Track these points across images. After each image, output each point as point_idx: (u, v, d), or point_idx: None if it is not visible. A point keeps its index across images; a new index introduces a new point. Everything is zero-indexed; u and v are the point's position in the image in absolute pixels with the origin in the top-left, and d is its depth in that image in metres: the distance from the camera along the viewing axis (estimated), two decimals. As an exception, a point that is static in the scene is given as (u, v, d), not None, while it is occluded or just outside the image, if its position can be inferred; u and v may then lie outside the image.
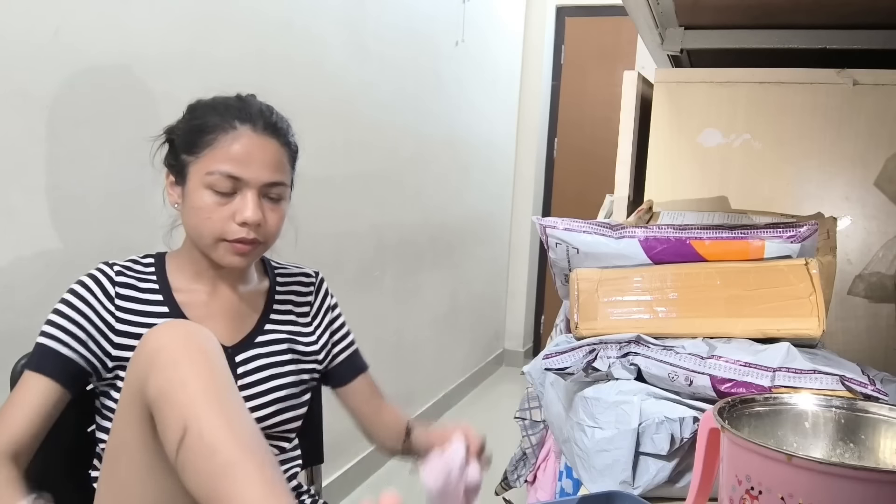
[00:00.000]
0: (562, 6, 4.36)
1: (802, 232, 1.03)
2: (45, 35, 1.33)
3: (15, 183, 1.30)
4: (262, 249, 1.07)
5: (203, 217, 1.01)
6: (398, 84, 2.76)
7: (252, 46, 1.90)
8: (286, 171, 1.07)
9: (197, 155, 1.02)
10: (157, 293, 1.06)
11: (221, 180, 1.00)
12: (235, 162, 1.00)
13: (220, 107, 1.04)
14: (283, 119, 1.08)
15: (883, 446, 0.74)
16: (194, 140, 1.03)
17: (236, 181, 1.00)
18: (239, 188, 1.01)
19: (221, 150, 1.01)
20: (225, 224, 1.01)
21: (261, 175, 1.02)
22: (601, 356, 0.96)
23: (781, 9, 1.38)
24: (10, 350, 1.09)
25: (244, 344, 1.09)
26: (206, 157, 1.01)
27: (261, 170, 1.02)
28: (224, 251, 1.03)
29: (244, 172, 1.00)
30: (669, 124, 1.59)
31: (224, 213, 1.01)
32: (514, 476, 1.66)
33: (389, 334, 2.88)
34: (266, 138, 1.03)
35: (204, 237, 1.02)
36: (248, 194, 1.01)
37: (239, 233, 1.01)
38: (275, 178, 1.03)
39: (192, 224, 1.03)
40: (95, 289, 1.02)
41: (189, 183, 1.03)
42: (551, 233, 1.10)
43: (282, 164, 1.05)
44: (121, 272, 1.05)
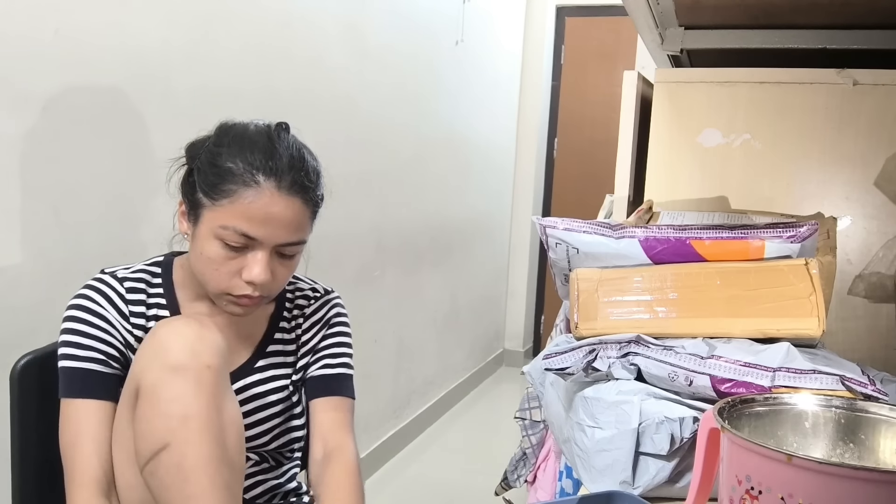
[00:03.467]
0: (562, 6, 4.36)
1: (802, 232, 1.03)
2: (45, 35, 1.33)
3: (15, 183, 1.30)
4: (264, 302, 1.02)
5: (210, 268, 0.96)
6: (398, 84, 2.76)
7: (252, 46, 1.90)
8: (306, 229, 1.00)
9: (214, 201, 0.95)
10: (165, 308, 1.04)
11: (234, 236, 0.94)
12: (252, 222, 0.93)
13: (248, 150, 0.95)
14: (312, 170, 1.00)
15: (883, 446, 0.74)
16: (214, 183, 0.95)
17: (250, 240, 0.95)
18: (252, 246, 0.96)
19: (240, 205, 0.93)
20: (231, 279, 0.96)
21: (277, 236, 0.96)
22: (601, 356, 0.96)
23: (781, 9, 1.38)
24: (10, 350, 1.09)
25: (243, 370, 1.06)
26: (224, 208, 0.94)
27: (278, 230, 0.95)
28: (227, 303, 0.99)
29: (259, 233, 0.94)
30: (669, 124, 1.59)
31: (232, 267, 0.96)
32: (514, 476, 1.66)
33: (389, 334, 2.88)
34: (290, 198, 0.95)
35: (209, 286, 0.98)
36: (260, 254, 0.95)
37: (244, 289, 0.96)
38: (291, 239, 0.97)
39: (199, 269, 0.99)
40: (109, 307, 0.99)
41: (201, 227, 0.96)
42: (551, 233, 1.10)
43: (302, 224, 0.98)
44: (132, 289, 1.02)
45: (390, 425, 2.90)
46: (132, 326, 1.00)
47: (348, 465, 1.03)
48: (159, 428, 0.84)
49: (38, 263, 1.35)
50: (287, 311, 1.12)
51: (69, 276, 1.07)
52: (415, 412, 3.14)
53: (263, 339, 1.09)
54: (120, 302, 1.00)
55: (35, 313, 1.32)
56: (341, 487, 1.00)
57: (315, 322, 1.13)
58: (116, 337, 0.98)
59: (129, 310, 1.00)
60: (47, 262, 1.36)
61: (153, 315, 1.03)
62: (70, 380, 0.95)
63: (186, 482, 0.82)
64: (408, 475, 2.77)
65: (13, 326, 1.30)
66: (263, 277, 0.95)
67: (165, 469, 0.83)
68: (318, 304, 1.14)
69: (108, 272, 1.02)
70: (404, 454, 2.96)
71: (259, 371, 1.07)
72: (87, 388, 0.94)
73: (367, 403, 2.69)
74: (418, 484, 2.70)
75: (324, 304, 1.14)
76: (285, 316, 1.12)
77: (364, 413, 2.66)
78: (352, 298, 2.52)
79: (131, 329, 1.00)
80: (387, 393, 2.88)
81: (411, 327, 3.08)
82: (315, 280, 1.18)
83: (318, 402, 1.09)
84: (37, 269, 1.35)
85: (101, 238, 1.47)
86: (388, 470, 2.78)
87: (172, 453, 0.82)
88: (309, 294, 1.14)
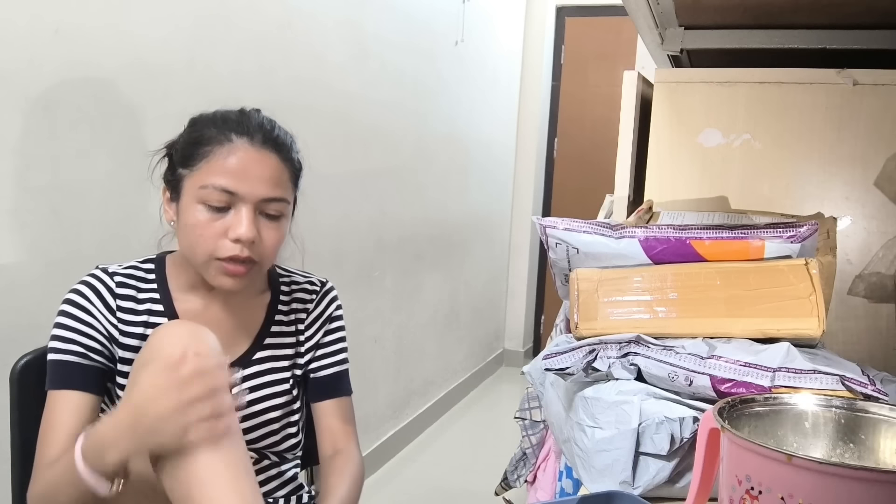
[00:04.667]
0: (562, 6, 4.36)
1: (802, 232, 1.03)
2: (45, 35, 1.33)
3: (15, 183, 1.30)
4: (256, 271, 1.01)
5: (196, 234, 0.96)
6: (398, 83, 2.76)
7: (252, 45, 1.90)
8: (286, 188, 1.01)
9: (192, 168, 0.97)
10: (158, 303, 1.04)
11: (215, 194, 0.95)
12: (230, 175, 0.95)
13: (219, 120, 1.00)
14: (286, 134, 1.03)
15: (883, 446, 0.74)
16: (190, 153, 0.98)
17: (231, 196, 0.95)
18: (234, 203, 0.96)
19: (216, 162, 0.96)
20: (217, 241, 0.96)
21: (257, 190, 0.96)
22: (601, 356, 0.96)
23: (781, 9, 1.38)
24: (10, 350, 1.09)
25: (241, 362, 1.06)
26: (201, 170, 0.96)
27: (257, 184, 0.96)
28: (216, 271, 0.98)
29: (239, 186, 0.95)
30: (669, 124, 1.59)
31: (217, 229, 0.96)
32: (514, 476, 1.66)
33: (389, 334, 2.88)
34: (265, 152, 0.98)
35: (197, 255, 0.98)
36: (243, 210, 0.96)
37: (231, 250, 0.96)
38: (273, 194, 0.98)
39: (186, 243, 0.99)
40: (96, 301, 1.00)
41: (183, 198, 0.98)
42: (551, 233, 1.10)
43: (281, 181, 1.00)
44: (122, 283, 1.02)
45: (390, 425, 2.90)
46: (118, 321, 1.01)
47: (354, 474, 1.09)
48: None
49: (37, 263, 1.35)
50: (284, 304, 1.12)
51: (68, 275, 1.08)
52: (415, 412, 3.14)
53: (261, 332, 1.09)
54: (108, 295, 1.01)
55: (34, 313, 1.32)
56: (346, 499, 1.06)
57: (317, 317, 1.14)
58: (99, 330, 0.99)
59: (118, 304, 1.01)
60: (46, 262, 1.36)
61: (146, 310, 1.03)
62: (52, 372, 0.97)
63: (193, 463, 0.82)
64: (408, 475, 2.77)
65: (13, 326, 1.30)
66: (249, 233, 0.95)
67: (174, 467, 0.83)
68: (318, 298, 1.15)
69: (100, 268, 1.04)
70: (404, 454, 2.96)
71: (258, 363, 1.08)
72: (65, 379, 0.96)
73: (367, 403, 2.69)
74: (418, 484, 2.70)
75: (323, 298, 1.16)
76: (282, 309, 1.12)
77: (364, 413, 2.66)
78: (352, 298, 2.52)
79: (116, 323, 1.01)
80: (387, 393, 2.88)
81: (411, 327, 3.08)
82: (308, 272, 1.18)
83: (325, 405, 1.14)
84: (36, 268, 1.35)
85: (101, 238, 1.47)
86: (387, 470, 2.78)
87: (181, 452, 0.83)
88: (308, 287, 1.15)
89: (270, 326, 1.10)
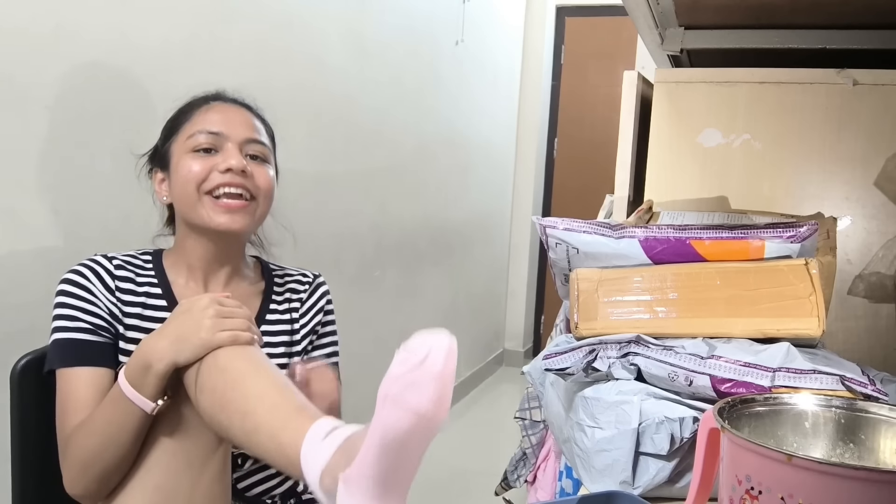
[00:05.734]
0: (562, 6, 4.36)
1: (802, 232, 1.03)
2: (45, 34, 1.33)
3: (15, 183, 1.30)
4: (252, 211, 1.05)
5: (188, 177, 1.02)
6: (398, 83, 2.76)
7: (252, 46, 1.90)
8: (265, 137, 1.10)
9: (177, 133, 1.06)
10: (156, 287, 1.06)
11: (202, 136, 1.03)
12: (213, 121, 1.04)
13: (196, 97, 1.11)
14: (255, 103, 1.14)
15: (883, 446, 0.74)
16: (172, 125, 1.08)
17: (217, 137, 1.04)
18: (221, 144, 1.04)
19: (199, 117, 1.06)
20: (207, 175, 1.02)
21: (239, 130, 1.05)
22: (601, 356, 0.96)
23: (781, 9, 1.38)
24: (10, 350, 1.09)
25: None
26: (185, 128, 1.05)
27: (239, 126, 1.05)
28: (211, 206, 1.02)
29: (223, 127, 1.04)
30: (669, 124, 1.59)
31: (208, 164, 1.02)
32: (514, 476, 1.66)
33: (389, 334, 2.88)
34: (241, 108, 1.09)
35: (189, 195, 1.02)
36: (229, 145, 1.04)
37: (223, 178, 1.01)
38: (254, 136, 1.07)
39: (179, 192, 1.04)
40: (95, 280, 1.01)
41: (173, 160, 1.05)
42: (551, 233, 1.10)
43: (259, 130, 1.09)
44: (120, 266, 1.05)
45: (390, 425, 2.90)
46: (117, 300, 1.02)
47: None
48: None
49: (37, 263, 1.35)
50: (277, 294, 1.15)
51: (69, 276, 1.10)
52: (415, 412, 3.14)
53: (257, 317, 1.11)
54: (106, 276, 1.02)
55: (34, 313, 1.32)
56: None
57: (311, 307, 1.18)
58: (101, 307, 1.00)
59: (116, 285, 1.03)
60: (46, 262, 1.36)
61: (144, 292, 1.05)
62: (60, 350, 0.97)
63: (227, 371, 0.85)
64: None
65: (13, 326, 1.30)
66: (238, 163, 1.02)
67: (209, 371, 0.85)
68: (311, 288, 1.19)
69: (99, 254, 1.06)
70: (404, 454, 2.95)
71: None
72: (77, 356, 0.96)
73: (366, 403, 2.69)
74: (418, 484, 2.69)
75: (316, 289, 1.20)
76: (276, 299, 1.15)
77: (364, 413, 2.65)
78: (352, 298, 2.52)
79: (116, 301, 1.02)
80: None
81: (411, 327, 3.06)
82: (300, 267, 1.22)
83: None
84: (36, 268, 1.35)
85: (101, 238, 1.47)
86: (388, 470, 2.78)
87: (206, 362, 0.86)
88: (300, 279, 1.19)
89: (265, 314, 1.13)
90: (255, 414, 0.80)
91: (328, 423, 0.77)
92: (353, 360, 1.19)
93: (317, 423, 0.77)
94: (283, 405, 0.80)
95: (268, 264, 1.19)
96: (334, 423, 0.78)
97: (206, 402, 0.85)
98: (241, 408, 0.81)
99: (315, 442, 0.75)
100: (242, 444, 0.82)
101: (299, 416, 0.79)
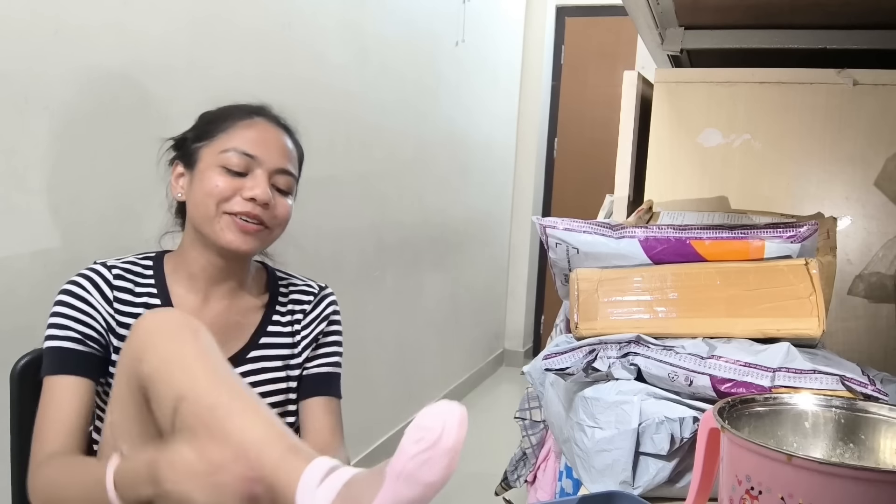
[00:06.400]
0: (562, 6, 4.36)
1: (802, 232, 1.03)
2: (45, 34, 1.33)
3: (15, 183, 1.30)
4: (265, 238, 1.05)
5: (212, 193, 1.01)
6: (398, 84, 2.76)
7: (252, 46, 1.90)
8: (295, 167, 1.09)
9: (211, 139, 1.04)
10: (155, 297, 1.05)
11: (236, 157, 1.01)
12: (251, 142, 1.02)
13: (238, 105, 1.09)
14: (293, 127, 1.13)
15: (883, 446, 0.74)
16: (208, 129, 1.05)
17: (250, 160, 1.02)
18: (251, 168, 1.02)
19: (237, 132, 1.03)
20: (231, 196, 1.01)
21: (274, 158, 1.03)
22: (601, 356, 0.96)
23: (781, 9, 1.38)
24: (10, 350, 1.09)
25: (234, 360, 1.06)
26: (221, 139, 1.03)
27: (274, 153, 1.04)
28: (226, 226, 1.01)
29: (259, 152, 1.02)
30: (669, 124, 1.59)
31: (233, 186, 1.01)
32: (514, 476, 1.66)
33: (389, 334, 2.88)
34: (280, 131, 1.07)
35: (208, 209, 1.01)
36: (259, 173, 1.02)
37: (243, 206, 1.01)
38: (286, 166, 1.05)
39: (197, 202, 1.02)
40: (93, 290, 1.01)
41: (199, 165, 1.03)
42: (551, 233, 1.10)
43: (292, 158, 1.08)
44: (119, 276, 1.03)
45: (390, 425, 2.90)
46: (115, 311, 1.02)
47: None
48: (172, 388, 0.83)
49: (37, 263, 1.35)
50: (281, 305, 1.14)
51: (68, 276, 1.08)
52: (415, 412, 3.13)
53: (257, 331, 1.10)
54: (105, 286, 1.02)
55: (34, 313, 1.32)
56: None
57: (315, 318, 1.15)
58: (96, 318, 1.00)
59: (115, 295, 1.02)
60: (46, 262, 1.36)
61: (143, 303, 1.04)
62: (48, 358, 0.98)
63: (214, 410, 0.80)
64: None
65: (13, 326, 1.30)
66: (264, 195, 1.01)
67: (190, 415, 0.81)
68: (316, 300, 1.16)
69: (99, 262, 1.05)
70: (404, 454, 2.95)
71: (251, 362, 1.08)
72: (63, 364, 0.96)
73: (366, 403, 2.69)
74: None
75: (322, 300, 1.17)
76: (279, 310, 1.13)
77: (364, 413, 2.65)
78: (352, 298, 2.52)
79: (113, 314, 1.01)
80: (387, 393, 2.88)
81: (411, 327, 3.08)
82: (307, 277, 1.20)
83: (313, 402, 1.12)
84: (36, 269, 1.35)
85: (101, 238, 1.47)
86: (388, 470, 2.78)
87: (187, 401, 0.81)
88: (305, 290, 1.17)
89: (267, 326, 1.11)
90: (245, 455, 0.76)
91: (324, 465, 0.75)
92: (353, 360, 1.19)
93: (312, 465, 0.75)
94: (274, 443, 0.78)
95: (274, 272, 1.17)
96: (330, 464, 0.76)
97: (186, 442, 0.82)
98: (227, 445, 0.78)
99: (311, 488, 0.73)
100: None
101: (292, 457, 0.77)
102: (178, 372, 0.83)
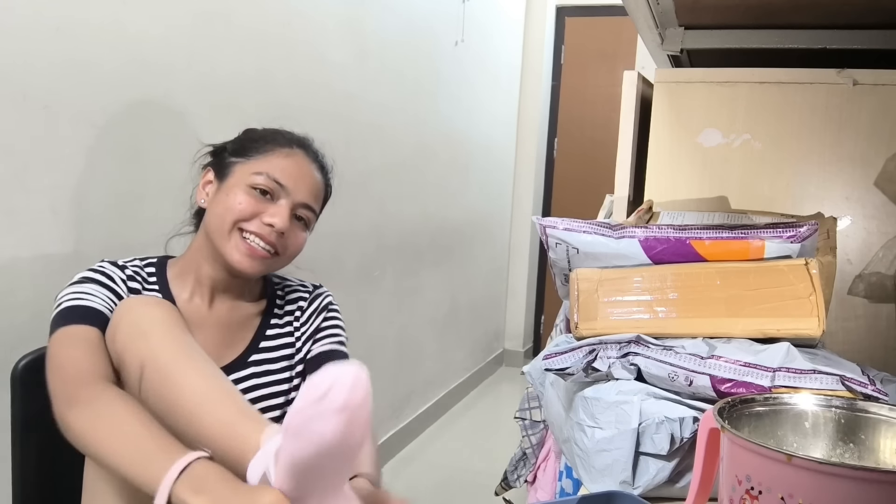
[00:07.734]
0: (562, 6, 4.36)
1: (802, 232, 1.03)
2: (45, 33, 1.33)
3: (15, 183, 1.30)
4: (272, 264, 1.07)
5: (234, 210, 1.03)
6: (398, 84, 2.76)
7: (252, 45, 1.90)
8: (318, 205, 1.12)
9: (248, 157, 1.06)
10: None
11: (267, 182, 1.04)
12: (285, 172, 1.05)
13: (284, 132, 1.12)
14: (329, 165, 1.16)
15: (883, 446, 0.74)
16: (249, 147, 1.08)
17: (279, 188, 1.04)
18: (278, 197, 1.05)
19: (275, 159, 1.06)
20: (252, 217, 1.03)
21: (302, 192, 1.06)
22: (601, 356, 0.96)
23: (781, 9, 1.38)
24: (10, 350, 1.09)
25: (237, 364, 1.07)
26: (258, 160, 1.06)
27: (304, 188, 1.07)
28: (237, 243, 1.03)
29: (289, 182, 1.05)
30: (669, 124, 1.59)
31: (257, 207, 1.03)
32: (514, 476, 1.66)
33: (389, 334, 2.88)
34: (315, 169, 1.10)
35: (225, 222, 1.03)
36: (284, 203, 1.05)
37: (259, 228, 1.03)
38: (311, 202, 1.08)
39: (218, 213, 1.04)
40: (108, 282, 1.01)
41: (230, 179, 1.05)
42: (551, 233, 1.10)
43: (318, 197, 1.11)
44: (131, 277, 1.05)
45: (390, 425, 2.90)
46: None
47: None
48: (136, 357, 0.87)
49: (37, 264, 1.35)
50: (279, 308, 1.16)
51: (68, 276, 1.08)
52: (415, 412, 3.14)
53: (257, 334, 1.12)
54: (119, 282, 1.02)
55: (35, 313, 1.32)
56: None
57: (312, 312, 1.17)
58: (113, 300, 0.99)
59: (129, 285, 1.04)
60: (46, 263, 1.36)
61: None
62: (67, 312, 0.95)
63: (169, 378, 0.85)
64: (407, 475, 2.77)
65: (13, 326, 1.30)
66: (283, 224, 1.03)
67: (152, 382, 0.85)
68: (311, 297, 1.19)
69: (108, 260, 1.06)
70: (404, 454, 2.96)
71: (253, 365, 1.09)
72: (85, 317, 0.94)
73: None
74: (418, 484, 2.70)
75: (317, 297, 1.19)
76: (277, 313, 1.15)
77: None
78: (352, 298, 2.52)
79: None
80: (387, 393, 2.88)
81: (411, 327, 3.08)
82: (301, 279, 1.23)
83: None
84: (36, 269, 1.34)
85: (101, 238, 1.47)
86: (387, 470, 2.78)
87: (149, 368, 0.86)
88: (300, 289, 1.20)
89: (266, 330, 1.12)
90: (200, 422, 0.82)
91: (273, 432, 0.79)
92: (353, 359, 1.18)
93: (263, 435, 0.79)
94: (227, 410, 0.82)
95: (270, 277, 1.19)
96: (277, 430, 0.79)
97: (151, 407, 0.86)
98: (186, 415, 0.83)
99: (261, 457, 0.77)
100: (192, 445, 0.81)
101: (245, 423, 0.81)
102: (141, 342, 0.87)
